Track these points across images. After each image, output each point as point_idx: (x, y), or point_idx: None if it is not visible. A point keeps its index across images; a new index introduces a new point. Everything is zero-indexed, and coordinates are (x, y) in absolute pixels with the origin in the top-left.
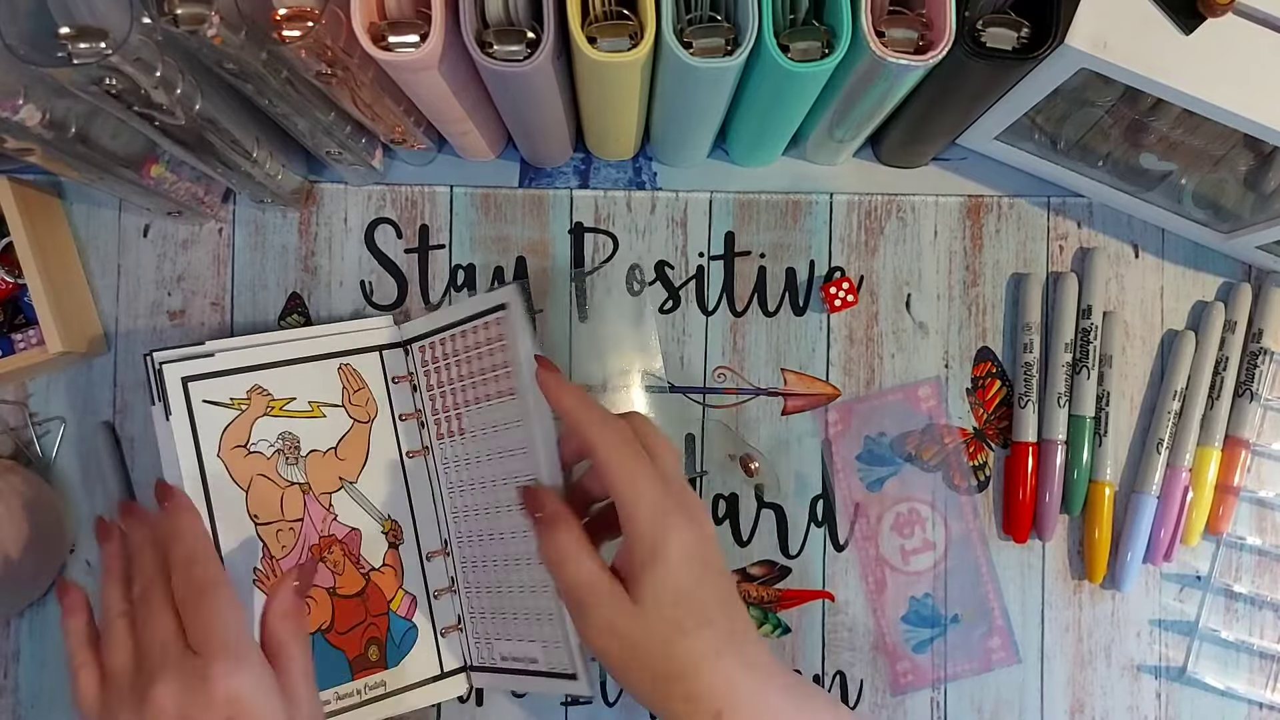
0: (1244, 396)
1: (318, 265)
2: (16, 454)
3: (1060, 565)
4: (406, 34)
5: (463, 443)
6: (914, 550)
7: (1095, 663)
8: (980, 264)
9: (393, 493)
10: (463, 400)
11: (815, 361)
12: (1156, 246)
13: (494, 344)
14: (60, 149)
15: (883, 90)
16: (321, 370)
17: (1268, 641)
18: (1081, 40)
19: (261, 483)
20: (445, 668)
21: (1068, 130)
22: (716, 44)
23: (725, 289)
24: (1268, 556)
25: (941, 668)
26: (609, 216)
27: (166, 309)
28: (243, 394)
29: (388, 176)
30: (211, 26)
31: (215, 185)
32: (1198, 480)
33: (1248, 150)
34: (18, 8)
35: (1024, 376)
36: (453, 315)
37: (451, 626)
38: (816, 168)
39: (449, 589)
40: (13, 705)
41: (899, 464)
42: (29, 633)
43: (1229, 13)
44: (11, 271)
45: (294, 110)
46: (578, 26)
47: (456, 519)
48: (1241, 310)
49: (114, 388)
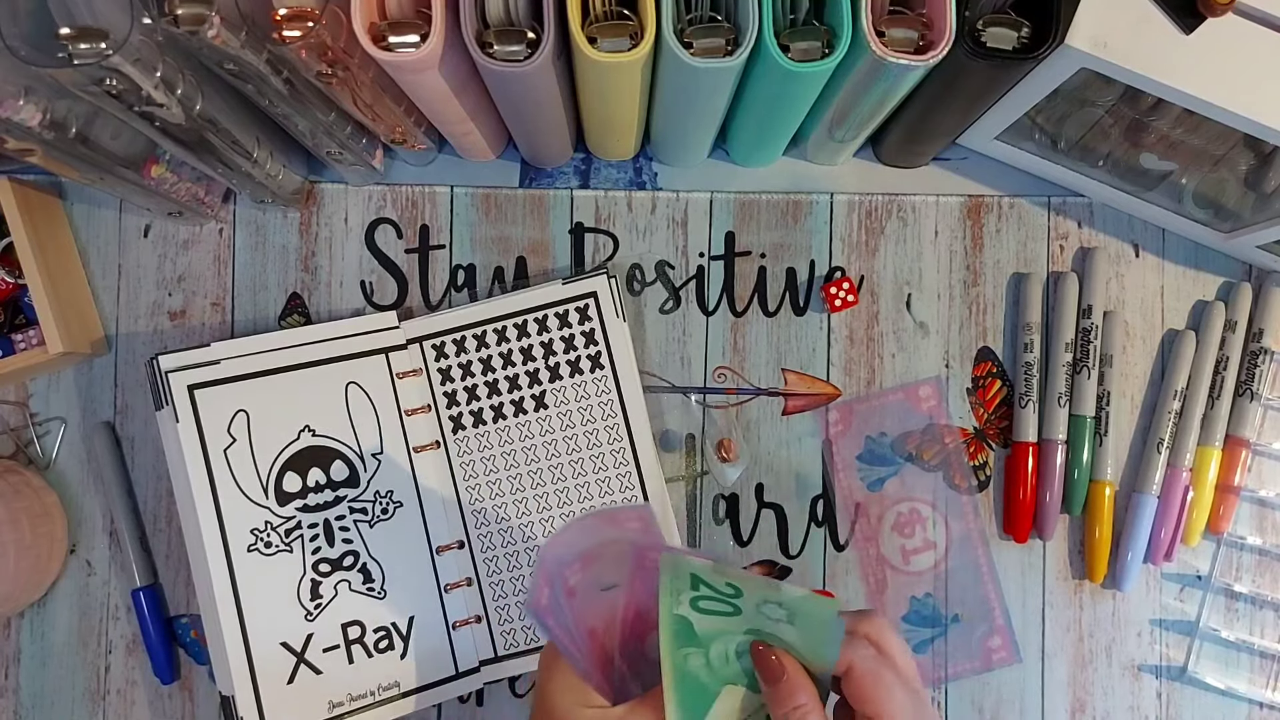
0: (1244, 396)
1: (318, 265)
2: (16, 454)
3: (1061, 565)
4: (407, 34)
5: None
6: (914, 550)
7: (1096, 662)
8: (981, 264)
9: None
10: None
11: (816, 361)
12: (1157, 246)
13: (561, 331)
14: (61, 149)
15: (883, 90)
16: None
17: (1268, 641)
18: (1081, 40)
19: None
20: (460, 667)
21: (1068, 130)
22: (717, 44)
23: (725, 289)
24: (1268, 556)
25: (942, 667)
26: (609, 217)
27: (167, 309)
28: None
29: (388, 177)
30: (212, 27)
31: (216, 185)
32: (1198, 480)
33: (1248, 150)
34: (18, 8)
35: (1024, 376)
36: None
37: (465, 620)
38: (817, 168)
39: (461, 583)
40: (13, 705)
41: (899, 464)
42: (29, 633)
43: (1229, 13)
44: (12, 272)
45: (294, 110)
46: (578, 27)
47: (476, 510)
48: (1242, 310)
49: (114, 388)
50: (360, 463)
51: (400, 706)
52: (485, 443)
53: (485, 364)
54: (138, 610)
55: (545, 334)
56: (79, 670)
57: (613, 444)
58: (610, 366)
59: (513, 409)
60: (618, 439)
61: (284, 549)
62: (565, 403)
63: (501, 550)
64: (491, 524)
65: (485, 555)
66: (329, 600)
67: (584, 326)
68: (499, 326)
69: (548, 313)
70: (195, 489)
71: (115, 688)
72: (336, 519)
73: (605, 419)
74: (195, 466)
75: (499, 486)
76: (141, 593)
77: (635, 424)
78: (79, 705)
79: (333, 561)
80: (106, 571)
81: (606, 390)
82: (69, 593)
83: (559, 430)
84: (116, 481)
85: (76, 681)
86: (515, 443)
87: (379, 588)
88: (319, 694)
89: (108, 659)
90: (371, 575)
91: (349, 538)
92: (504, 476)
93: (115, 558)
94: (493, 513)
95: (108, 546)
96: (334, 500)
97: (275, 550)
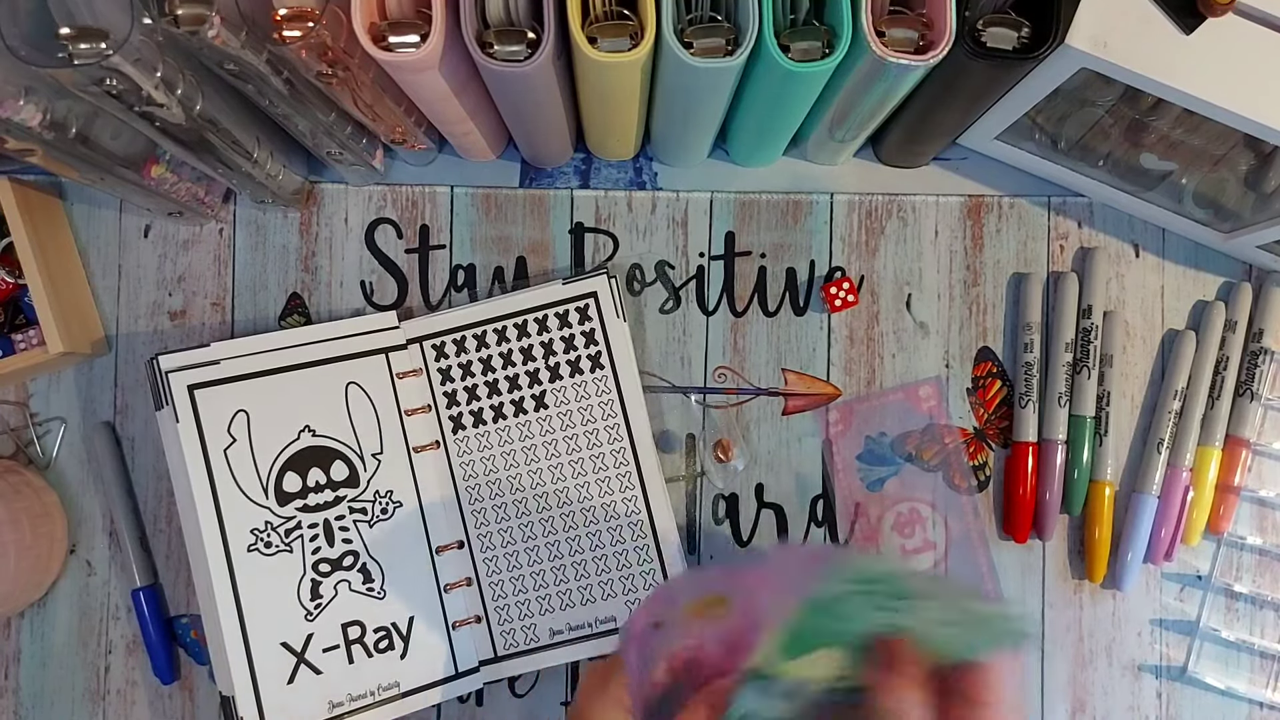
0: (1244, 396)
1: (318, 265)
2: (16, 454)
3: (1060, 565)
4: (407, 34)
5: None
6: (914, 550)
7: (1096, 662)
8: (981, 264)
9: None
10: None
11: (816, 361)
12: (1157, 246)
13: (562, 330)
14: (61, 149)
15: (883, 90)
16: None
17: (1268, 641)
18: (1081, 40)
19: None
20: (460, 667)
21: (1068, 130)
22: (717, 44)
23: (725, 289)
24: (1268, 556)
25: None
26: (609, 216)
27: (167, 309)
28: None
29: (388, 177)
30: (212, 27)
31: (216, 185)
32: (1198, 480)
33: (1248, 150)
34: (18, 8)
35: (1024, 376)
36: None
37: (464, 620)
38: (817, 168)
39: (461, 583)
40: (13, 705)
41: (899, 464)
42: (29, 633)
43: (1229, 13)
44: (12, 272)
45: (294, 110)
46: (578, 27)
47: (476, 510)
48: (1242, 310)
49: (114, 388)
50: (360, 463)
51: (400, 706)
52: (485, 443)
53: (485, 364)
54: (138, 610)
55: (545, 334)
56: (79, 670)
57: (613, 444)
58: (610, 366)
59: (513, 409)
60: (618, 439)
61: (284, 549)
62: (565, 403)
63: (501, 550)
64: (491, 524)
65: (485, 555)
66: (329, 600)
67: (584, 326)
68: (499, 326)
69: (548, 313)
70: (195, 489)
71: (115, 688)
72: (336, 519)
73: (605, 419)
74: (195, 466)
75: (499, 486)
76: (141, 593)
77: (635, 424)
78: (79, 705)
79: (333, 561)
80: (106, 571)
81: (606, 390)
82: (69, 593)
83: (559, 430)
84: (116, 481)
85: (76, 681)
86: (515, 443)
87: (379, 588)
88: (319, 694)
89: (108, 659)
90: (371, 575)
91: (349, 538)
92: (504, 476)
93: (115, 558)
94: (493, 513)
95: (108, 546)
96: (334, 500)
97: (275, 550)
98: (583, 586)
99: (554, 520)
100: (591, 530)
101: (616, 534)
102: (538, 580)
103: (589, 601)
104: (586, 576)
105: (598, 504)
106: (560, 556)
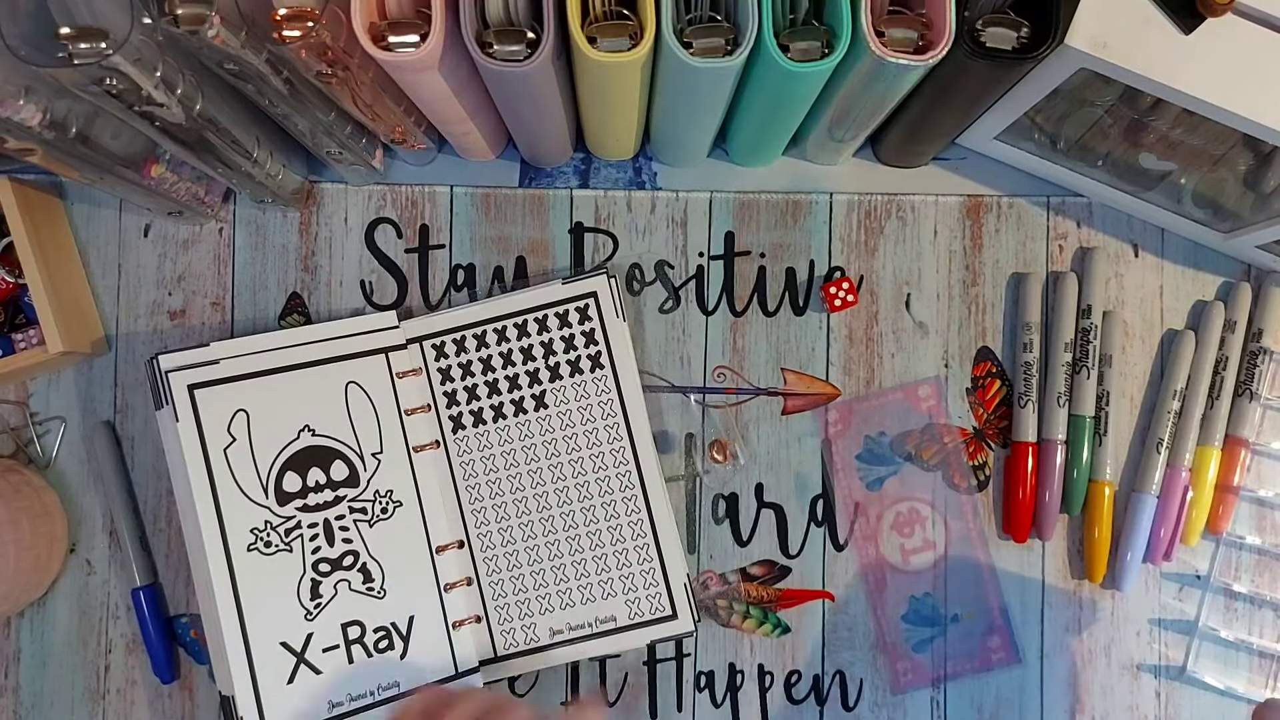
0: (1244, 396)
1: (318, 265)
2: (16, 453)
3: (1060, 565)
4: (407, 34)
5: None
6: (914, 550)
7: (1095, 662)
8: (980, 264)
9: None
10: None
11: (815, 361)
12: (1156, 246)
13: (561, 330)
14: (61, 149)
15: (882, 90)
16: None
17: (1267, 641)
18: (1081, 40)
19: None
20: (460, 667)
21: (1067, 130)
22: (716, 44)
23: (725, 289)
24: (1267, 556)
25: (941, 667)
26: (609, 216)
27: (167, 309)
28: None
29: (388, 176)
30: (212, 27)
31: (216, 185)
32: (1197, 480)
33: (1247, 150)
34: (18, 8)
35: (1024, 376)
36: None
37: (464, 620)
38: (816, 168)
39: (461, 583)
40: (13, 705)
41: (899, 463)
42: (29, 633)
43: (1229, 13)
44: (12, 271)
45: (294, 110)
46: (578, 26)
47: (476, 510)
48: (1241, 310)
49: (114, 388)
50: (360, 462)
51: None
52: (485, 442)
53: (485, 364)
54: (137, 610)
55: (545, 334)
56: (79, 670)
57: (613, 444)
58: (610, 366)
59: (513, 409)
60: (618, 439)
61: (284, 549)
62: (565, 402)
63: (501, 550)
64: (491, 523)
65: (485, 555)
66: (329, 600)
67: (584, 326)
68: (499, 326)
69: (547, 312)
70: (195, 489)
71: (115, 687)
72: (336, 519)
73: (605, 419)
74: (195, 466)
75: (499, 486)
76: (141, 592)
77: (635, 424)
78: (79, 705)
79: (332, 561)
80: (106, 571)
81: (606, 390)
82: (69, 592)
83: (559, 430)
84: (116, 481)
85: (76, 681)
86: (515, 442)
87: (379, 587)
88: (319, 694)
89: (108, 658)
90: (371, 575)
91: (349, 537)
92: (504, 476)
93: (115, 557)
94: (493, 512)
95: (108, 546)
96: (334, 500)
97: (275, 550)
98: (583, 586)
99: (554, 520)
100: (591, 530)
101: (616, 534)
102: (538, 580)
103: (589, 601)
104: (586, 576)
105: (598, 503)
106: (560, 556)
